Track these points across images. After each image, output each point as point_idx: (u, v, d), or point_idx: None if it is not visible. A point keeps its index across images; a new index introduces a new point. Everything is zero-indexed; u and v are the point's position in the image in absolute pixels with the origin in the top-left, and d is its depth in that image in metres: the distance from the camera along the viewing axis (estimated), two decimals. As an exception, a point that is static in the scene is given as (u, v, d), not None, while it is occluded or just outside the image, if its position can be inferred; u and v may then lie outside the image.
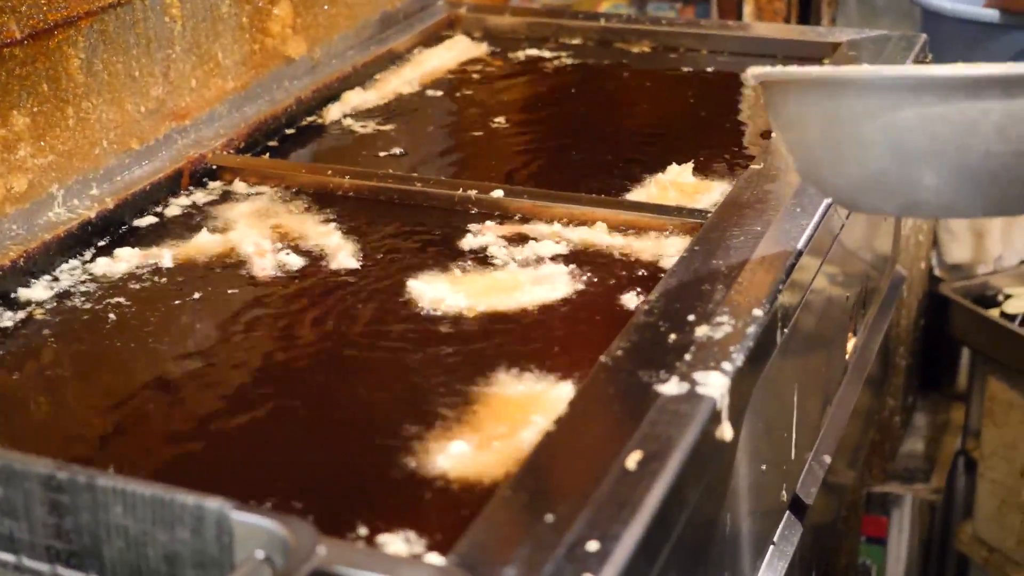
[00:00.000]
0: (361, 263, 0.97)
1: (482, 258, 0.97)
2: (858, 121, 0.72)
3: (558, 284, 0.92)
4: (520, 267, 0.95)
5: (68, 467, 0.60)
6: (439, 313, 0.88)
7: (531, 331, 0.87)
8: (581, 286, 0.92)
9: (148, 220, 1.04)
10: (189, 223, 1.04)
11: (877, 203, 0.78)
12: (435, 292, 0.91)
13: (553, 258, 0.96)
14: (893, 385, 1.85)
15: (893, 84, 0.70)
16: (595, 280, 0.93)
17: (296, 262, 0.97)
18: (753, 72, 0.78)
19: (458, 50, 1.45)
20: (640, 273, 0.94)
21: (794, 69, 0.77)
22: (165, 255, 0.97)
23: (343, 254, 0.98)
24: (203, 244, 1.00)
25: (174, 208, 1.07)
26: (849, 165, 0.74)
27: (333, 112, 1.28)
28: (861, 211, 0.92)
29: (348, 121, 1.27)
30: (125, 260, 0.97)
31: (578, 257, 0.97)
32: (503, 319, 0.88)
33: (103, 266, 0.96)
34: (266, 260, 0.97)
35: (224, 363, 0.84)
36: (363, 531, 0.65)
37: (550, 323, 0.87)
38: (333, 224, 1.03)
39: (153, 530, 0.59)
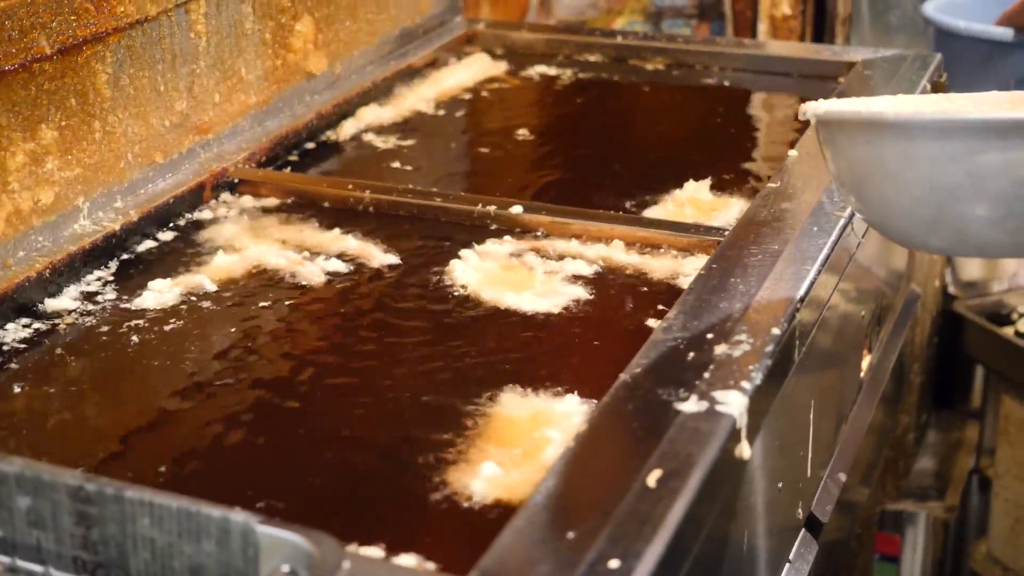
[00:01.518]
0: (400, 259, 1.00)
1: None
2: (938, 164, 0.69)
3: (575, 300, 0.93)
4: (540, 280, 0.96)
5: (96, 479, 0.61)
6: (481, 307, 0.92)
7: (548, 345, 0.87)
8: (598, 302, 0.93)
9: (147, 245, 1.03)
10: (199, 245, 1.04)
11: (950, 245, 0.75)
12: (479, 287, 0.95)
13: (570, 274, 0.97)
14: (907, 403, 1.85)
15: (978, 128, 0.68)
16: (612, 297, 0.94)
17: (340, 266, 0.99)
18: (813, 110, 0.74)
19: (476, 68, 1.46)
20: (657, 291, 0.94)
21: (863, 110, 0.73)
22: (204, 280, 0.96)
23: (380, 253, 1.00)
24: (226, 266, 0.99)
25: (167, 233, 1.05)
26: (923, 208, 0.72)
27: (347, 128, 1.28)
28: (929, 251, 0.90)
29: (369, 136, 1.28)
30: (168, 291, 0.94)
31: (595, 274, 0.97)
32: (520, 328, 0.89)
33: (151, 299, 0.93)
34: (307, 268, 0.98)
35: (322, 364, 0.86)
36: (382, 550, 0.65)
37: (566, 338, 0.88)
38: (338, 231, 1.05)
39: (179, 542, 0.60)
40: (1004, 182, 0.68)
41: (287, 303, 0.94)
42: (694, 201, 1.10)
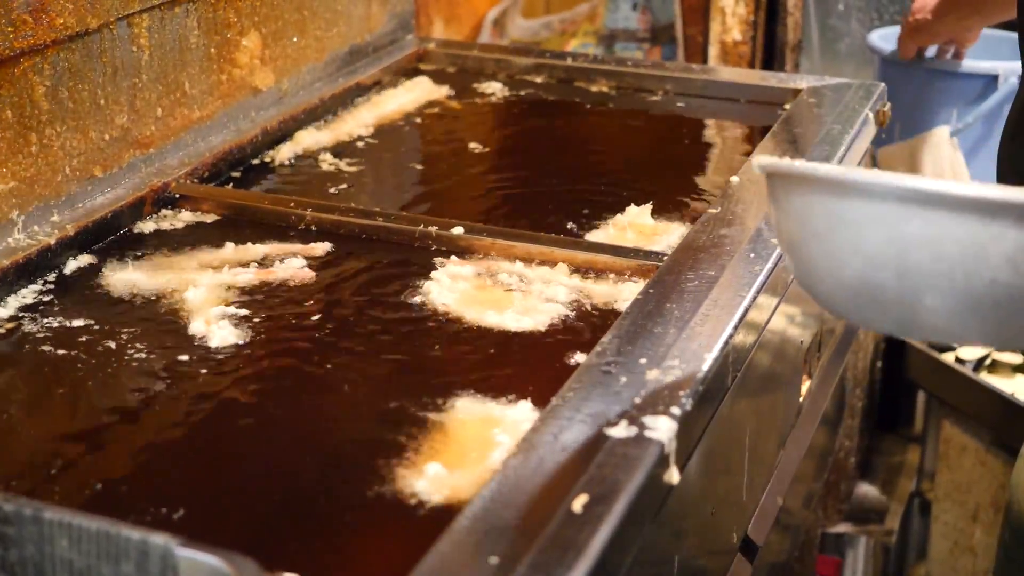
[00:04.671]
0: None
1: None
2: (862, 227, 0.68)
3: (513, 322, 0.93)
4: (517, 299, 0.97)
5: (15, 499, 0.60)
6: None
7: (484, 362, 0.87)
8: (536, 325, 0.93)
9: (85, 261, 1.02)
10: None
11: (871, 317, 0.72)
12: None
13: (510, 295, 0.97)
14: (849, 426, 1.87)
15: (901, 194, 0.66)
16: (550, 320, 0.94)
17: (301, 263, 1.02)
18: (760, 163, 0.73)
19: (418, 91, 1.46)
20: (595, 315, 0.95)
21: (801, 165, 0.71)
22: (230, 310, 0.94)
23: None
24: (199, 298, 0.96)
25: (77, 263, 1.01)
26: (847, 272, 0.69)
27: (284, 152, 1.27)
28: (854, 323, 0.87)
29: (313, 157, 1.27)
30: (221, 327, 0.92)
31: (536, 295, 0.98)
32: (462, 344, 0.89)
33: (222, 338, 0.90)
34: (282, 271, 1.01)
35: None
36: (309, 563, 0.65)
37: (501, 358, 0.88)
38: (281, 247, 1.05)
39: (98, 564, 0.59)
40: (925, 256, 0.66)
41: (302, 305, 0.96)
42: (635, 225, 1.11)
